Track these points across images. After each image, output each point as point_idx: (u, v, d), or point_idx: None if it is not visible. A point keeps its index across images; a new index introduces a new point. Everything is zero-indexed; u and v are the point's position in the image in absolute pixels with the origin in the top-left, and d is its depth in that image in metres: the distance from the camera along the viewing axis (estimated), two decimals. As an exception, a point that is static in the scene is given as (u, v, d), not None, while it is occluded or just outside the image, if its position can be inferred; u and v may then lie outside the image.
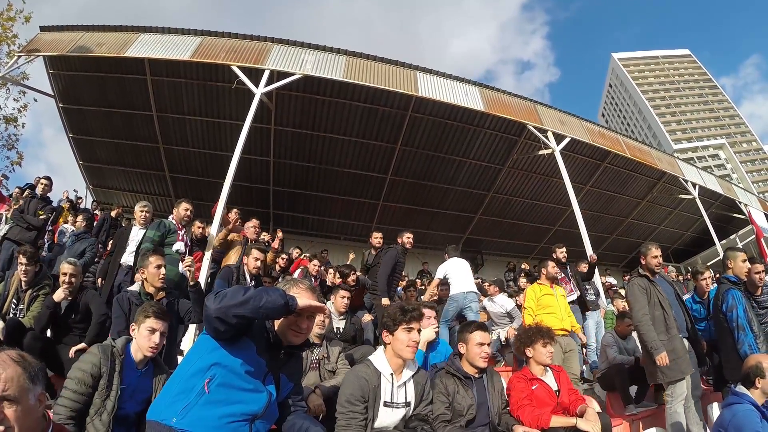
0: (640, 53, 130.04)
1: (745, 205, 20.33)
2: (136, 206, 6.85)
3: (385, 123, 13.53)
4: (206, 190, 14.81)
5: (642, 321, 4.90)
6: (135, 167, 15.80)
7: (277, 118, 13.24)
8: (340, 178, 15.48)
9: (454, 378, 3.71)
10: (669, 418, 4.86)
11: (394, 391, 3.12)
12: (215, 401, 2.15)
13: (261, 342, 2.32)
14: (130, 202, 16.08)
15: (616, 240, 21.41)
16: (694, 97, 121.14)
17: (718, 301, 5.01)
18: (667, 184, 18.60)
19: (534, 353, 4.16)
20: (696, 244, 23.18)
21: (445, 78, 12.51)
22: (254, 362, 2.26)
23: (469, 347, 3.79)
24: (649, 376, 5.12)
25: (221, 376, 2.18)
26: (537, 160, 15.35)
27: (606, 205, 19.09)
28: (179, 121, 13.89)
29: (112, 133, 14.49)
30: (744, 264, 5.18)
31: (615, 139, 16.00)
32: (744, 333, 4.62)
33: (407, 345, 3.11)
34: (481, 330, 3.82)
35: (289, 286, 2.41)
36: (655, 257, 5.34)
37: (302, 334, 2.41)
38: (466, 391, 3.65)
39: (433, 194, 16.57)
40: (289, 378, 2.53)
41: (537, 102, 14.06)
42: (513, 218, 18.69)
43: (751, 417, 3.46)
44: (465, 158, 15.21)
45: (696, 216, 19.55)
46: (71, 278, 4.49)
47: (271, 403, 2.33)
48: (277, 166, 14.96)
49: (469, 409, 3.59)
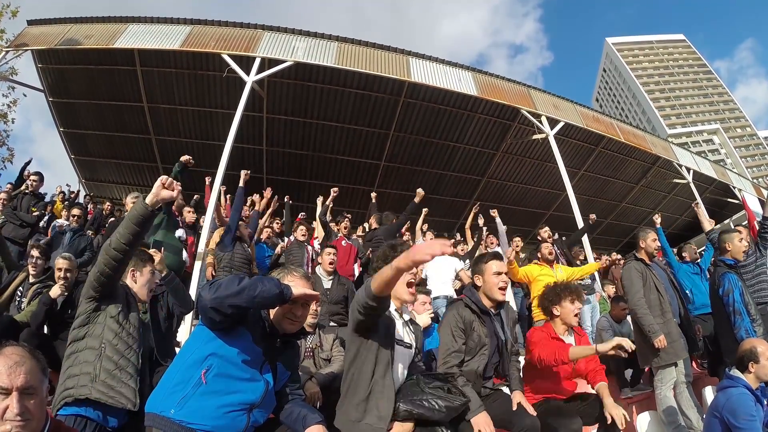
0: (635, 38, 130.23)
1: (739, 190, 20.40)
2: (128, 197, 6.79)
3: (378, 109, 13.47)
4: (199, 179, 14.67)
5: (638, 304, 4.91)
6: (127, 159, 15.76)
7: (269, 106, 13.19)
8: (333, 166, 15.44)
9: (472, 311, 3.50)
10: (659, 402, 4.92)
11: (401, 329, 3.00)
12: (213, 391, 2.16)
13: (257, 331, 2.33)
14: (122, 195, 15.98)
15: (610, 224, 21.43)
16: (688, 82, 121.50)
17: (715, 284, 5.00)
18: (662, 169, 18.63)
19: (561, 311, 3.97)
20: (690, 228, 23.20)
21: (438, 63, 12.44)
22: (251, 352, 2.28)
23: (486, 278, 3.56)
24: (641, 359, 5.13)
25: (218, 366, 2.19)
26: (531, 145, 15.28)
27: (600, 189, 19.10)
28: (170, 112, 13.81)
29: (103, 125, 14.41)
30: (741, 243, 5.18)
31: (609, 124, 15.99)
32: (741, 317, 4.63)
33: (406, 283, 2.92)
34: (498, 259, 3.59)
35: (284, 275, 2.42)
36: (654, 240, 5.36)
37: (297, 322, 2.42)
38: (482, 327, 3.48)
39: (428, 180, 16.43)
40: (286, 367, 2.53)
41: (530, 86, 13.99)
42: (507, 203, 18.52)
43: (745, 400, 3.47)
44: (459, 144, 15.18)
45: (690, 200, 19.43)
46: (66, 273, 4.45)
47: (268, 392, 2.34)
48: (270, 155, 14.92)
49: (482, 348, 3.43)
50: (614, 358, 6.23)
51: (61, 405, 2.55)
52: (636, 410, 5.60)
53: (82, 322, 2.76)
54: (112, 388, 2.60)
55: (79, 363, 2.65)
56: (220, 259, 6.62)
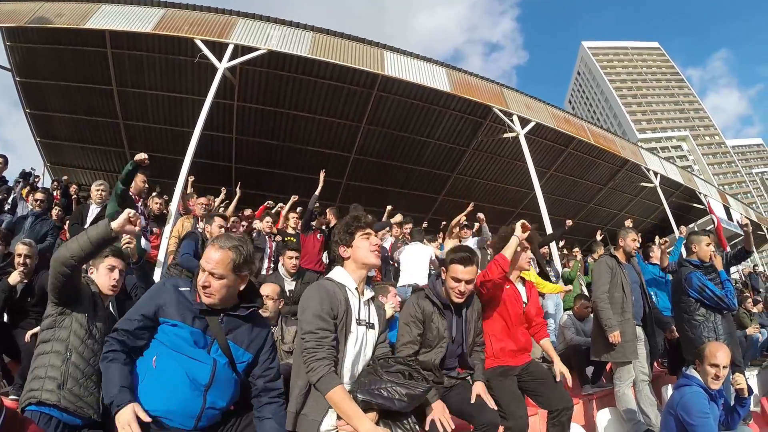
0: (610, 43, 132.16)
1: (705, 195, 20.84)
2: (93, 185, 6.72)
3: (351, 101, 13.42)
4: (167, 167, 14.43)
5: (600, 298, 5.04)
6: (94, 144, 15.44)
7: (240, 94, 13.04)
8: (303, 156, 15.32)
9: (432, 304, 3.42)
10: (619, 399, 5.06)
11: (361, 308, 2.77)
12: (162, 376, 2.23)
13: (186, 311, 2.38)
14: (89, 179, 15.56)
15: (576, 224, 21.65)
16: (660, 89, 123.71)
17: (681, 283, 5.10)
18: (630, 172, 18.91)
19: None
20: (655, 231, 23.64)
21: (413, 58, 12.41)
22: (190, 333, 2.33)
23: (447, 277, 3.43)
24: (594, 351, 5.29)
25: (164, 351, 2.29)
26: (501, 143, 15.33)
27: (569, 189, 19.37)
28: (140, 96, 13.55)
29: (71, 108, 14.07)
30: (709, 248, 5.30)
31: (580, 126, 16.18)
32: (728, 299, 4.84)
33: (370, 250, 2.81)
34: (462, 264, 3.33)
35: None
36: (634, 240, 5.47)
37: (206, 292, 2.36)
38: (441, 321, 3.39)
39: (397, 174, 16.56)
40: (245, 346, 2.48)
41: (504, 85, 14.05)
42: (476, 200, 18.38)
43: (698, 398, 3.57)
44: (430, 139, 15.21)
45: (656, 204, 19.96)
46: (26, 260, 4.34)
47: (218, 371, 2.33)
48: (239, 143, 14.76)
49: (440, 341, 3.37)
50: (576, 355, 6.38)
51: (26, 404, 2.50)
52: (596, 406, 5.69)
53: (49, 324, 2.72)
54: (80, 398, 2.56)
55: (45, 366, 2.60)
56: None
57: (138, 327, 2.35)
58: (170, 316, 2.34)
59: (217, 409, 2.33)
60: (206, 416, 2.28)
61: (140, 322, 2.35)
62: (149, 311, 2.37)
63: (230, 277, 2.38)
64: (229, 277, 2.38)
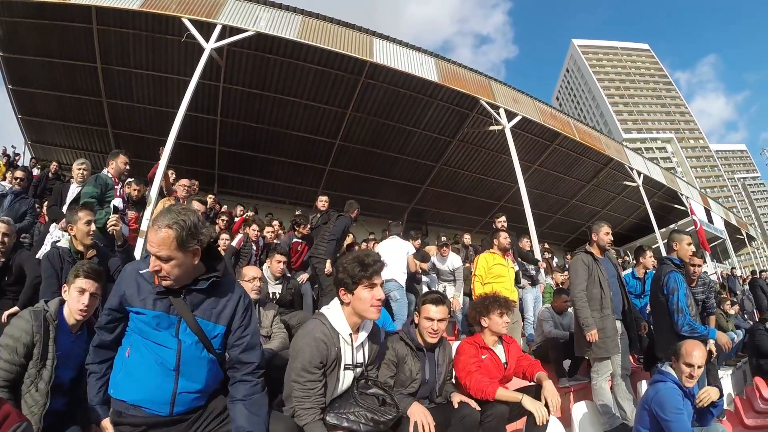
0: (600, 42, 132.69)
1: (687, 197, 21.12)
2: (74, 164, 6.61)
3: (338, 87, 13.31)
4: (149, 147, 14.21)
5: (578, 296, 5.08)
6: (76, 122, 15.17)
7: (226, 76, 12.89)
8: (288, 141, 15.22)
9: (407, 346, 3.54)
10: (595, 392, 5.09)
11: (354, 353, 2.86)
12: (134, 364, 2.23)
13: (147, 294, 2.29)
14: (70, 159, 15.34)
15: (559, 219, 21.97)
16: (648, 91, 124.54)
17: (659, 281, 5.13)
18: (613, 170, 19.13)
19: (490, 323, 4.03)
20: (636, 230, 24.01)
21: (402, 46, 12.37)
22: (153, 316, 2.26)
23: (420, 319, 3.61)
24: (577, 348, 5.32)
25: (135, 339, 2.27)
26: (487, 136, 15.43)
27: (552, 185, 19.52)
28: (125, 75, 13.31)
29: (54, 85, 13.80)
30: (689, 247, 5.27)
31: (566, 122, 16.29)
32: (683, 315, 4.75)
33: (371, 305, 2.78)
34: (434, 304, 3.54)
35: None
36: (608, 234, 5.48)
37: (158, 275, 2.23)
38: (414, 362, 3.51)
39: (382, 162, 16.52)
40: (215, 319, 2.36)
41: (492, 78, 14.09)
42: (460, 191, 18.88)
43: (672, 394, 3.60)
44: (415, 128, 15.13)
45: (638, 203, 20.21)
46: (4, 238, 4.21)
47: (184, 352, 2.26)
48: (223, 126, 14.59)
49: (412, 382, 3.46)
50: (553, 348, 6.44)
51: None
52: (573, 399, 5.73)
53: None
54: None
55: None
56: None
57: (108, 321, 2.38)
58: (132, 304, 2.28)
59: (191, 392, 2.27)
60: (181, 401, 2.24)
61: (108, 315, 2.37)
62: (114, 303, 2.35)
63: (178, 255, 2.20)
64: (176, 255, 2.20)
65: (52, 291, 3.76)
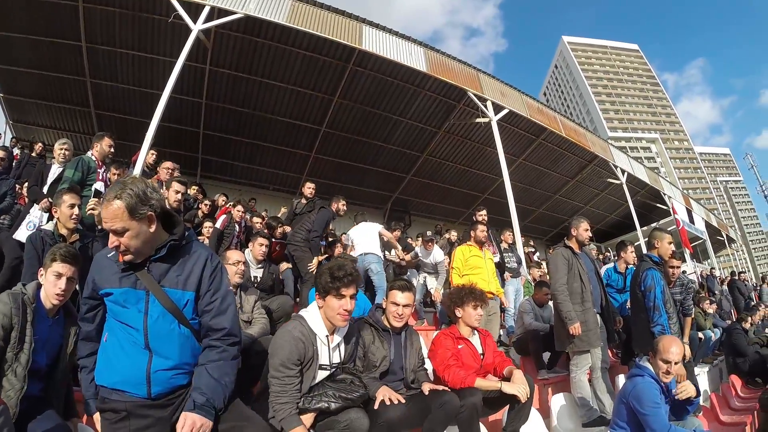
0: (591, 40, 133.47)
1: (669, 197, 21.33)
2: (56, 144, 6.53)
3: (325, 73, 13.17)
4: (133, 129, 13.95)
5: (559, 290, 5.11)
6: (59, 102, 14.78)
7: (213, 58, 12.67)
8: (273, 126, 15.06)
9: (372, 329, 3.70)
10: (574, 385, 5.13)
11: (330, 354, 3.06)
12: (108, 347, 2.22)
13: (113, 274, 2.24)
14: (51, 139, 14.97)
15: (542, 214, 22.11)
16: (635, 91, 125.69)
17: (638, 278, 5.17)
18: (598, 167, 19.24)
19: (464, 314, 4.10)
20: (618, 227, 24.24)
21: (391, 34, 12.29)
22: (120, 293, 2.21)
23: (387, 303, 3.78)
24: (558, 342, 5.38)
25: (110, 323, 2.25)
26: (473, 128, 15.42)
27: (536, 179, 19.57)
28: (110, 54, 12.98)
29: (38, 63, 13.39)
30: (670, 246, 5.35)
31: (552, 117, 16.36)
32: (659, 314, 4.81)
33: (338, 313, 2.98)
34: (401, 290, 3.71)
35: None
36: (586, 230, 5.55)
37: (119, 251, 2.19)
38: (382, 344, 3.65)
39: (367, 150, 16.46)
40: (182, 286, 2.29)
41: (480, 70, 14.08)
42: (444, 182, 18.88)
43: (650, 389, 3.64)
44: (402, 117, 15.05)
45: (621, 201, 20.34)
46: None
47: (150, 326, 2.19)
48: (208, 109, 14.37)
49: (383, 361, 3.59)
50: (533, 340, 6.48)
51: None
52: (551, 391, 5.74)
53: None
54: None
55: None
56: None
57: (86, 311, 2.38)
58: (102, 286, 2.25)
59: (166, 370, 2.20)
60: (157, 380, 2.17)
61: (85, 305, 2.37)
62: (87, 291, 2.33)
63: (132, 225, 2.13)
64: (131, 225, 2.13)
65: (33, 273, 3.66)
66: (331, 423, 2.87)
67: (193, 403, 2.14)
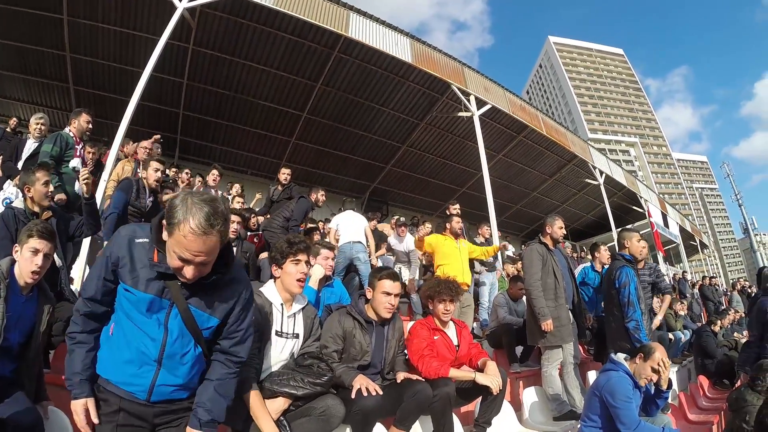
0: (576, 42, 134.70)
1: (645, 200, 21.64)
2: (32, 118, 6.40)
3: (309, 59, 13.05)
4: (111, 107, 13.73)
5: (533, 286, 5.19)
6: (37, 76, 14.37)
7: (197, 38, 12.45)
8: (254, 110, 14.91)
9: (354, 320, 3.61)
10: (545, 380, 5.23)
11: (284, 321, 3.13)
12: (115, 346, 2.09)
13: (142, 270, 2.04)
14: (27, 114, 14.48)
15: (519, 210, 22.26)
16: (617, 95, 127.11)
17: (612, 276, 5.26)
18: (576, 167, 19.45)
19: (434, 309, 4.12)
20: (593, 227, 24.52)
21: (378, 23, 12.24)
22: (144, 299, 2.04)
23: (375, 294, 3.66)
24: (530, 337, 5.46)
25: (121, 318, 2.10)
26: (455, 121, 15.45)
27: (515, 176, 19.67)
28: (91, 29, 12.68)
29: (17, 35, 12.99)
30: (639, 243, 5.49)
31: (534, 115, 16.47)
32: (633, 309, 4.93)
33: (296, 278, 3.10)
34: (391, 279, 3.66)
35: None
36: (561, 228, 5.67)
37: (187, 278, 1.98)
38: (364, 336, 3.59)
39: (347, 139, 16.38)
40: (210, 311, 2.16)
41: (465, 64, 14.10)
42: (423, 174, 18.91)
43: (624, 383, 3.73)
44: (384, 107, 15.01)
45: (598, 201, 20.60)
46: None
47: (169, 345, 2.07)
48: (189, 89, 14.13)
49: (363, 355, 3.54)
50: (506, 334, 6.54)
51: None
52: (523, 385, 5.85)
53: None
54: None
55: None
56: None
57: (104, 293, 2.12)
58: (124, 279, 2.05)
59: (171, 386, 2.12)
60: (158, 392, 2.09)
61: (104, 286, 2.11)
62: (109, 272, 2.08)
63: (215, 254, 1.98)
64: (214, 255, 1.98)
65: (6, 252, 3.54)
66: (307, 410, 2.88)
67: (198, 421, 2.12)
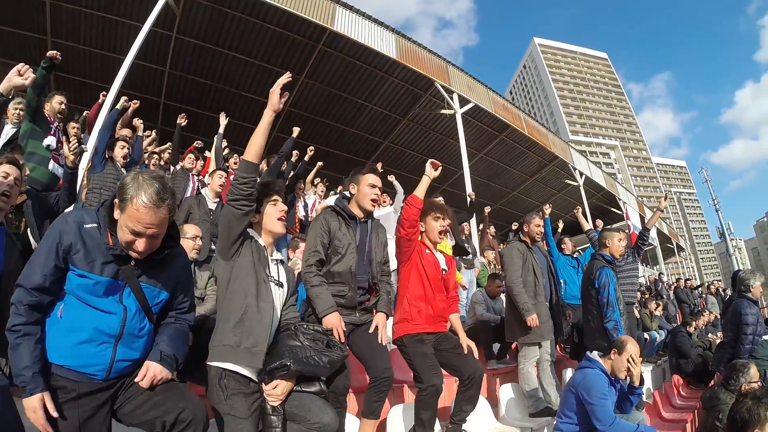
0: (561, 44, 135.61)
1: (624, 202, 21.90)
2: (10, 103, 6.29)
3: (294, 51, 12.98)
4: (92, 93, 13.57)
5: (515, 283, 5.21)
6: (17, 60, 14.09)
7: (180, 26, 12.27)
8: (235, 101, 14.75)
9: (339, 216, 3.65)
10: (522, 376, 5.26)
11: (271, 266, 2.96)
12: (69, 328, 2.05)
13: (96, 255, 2.08)
14: (6, 98, 14.45)
15: (498, 209, 22.28)
16: (600, 98, 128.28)
17: (591, 275, 5.34)
18: (557, 168, 19.64)
19: (426, 227, 4.06)
20: (571, 228, 24.61)
21: (364, 18, 12.24)
22: (100, 281, 2.08)
23: (360, 188, 3.69)
24: (509, 334, 5.50)
25: (71, 301, 2.08)
26: (438, 119, 15.54)
27: (496, 174, 19.84)
28: (74, 13, 12.42)
29: None
30: (620, 243, 5.55)
31: (517, 115, 16.60)
32: (612, 310, 5.01)
33: (277, 218, 2.98)
34: (374, 173, 3.75)
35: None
36: (538, 226, 5.66)
37: (138, 252, 2.09)
38: (348, 230, 3.61)
39: (329, 133, 16.32)
40: (160, 285, 2.28)
41: (450, 62, 14.15)
42: (404, 170, 18.65)
43: (599, 381, 3.79)
44: (367, 102, 15.01)
45: (577, 202, 20.61)
46: None
47: (128, 320, 2.13)
48: (171, 78, 14.00)
49: (348, 248, 3.56)
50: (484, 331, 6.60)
51: None
52: (499, 382, 5.89)
53: None
54: None
55: None
56: (90, 180, 6.34)
57: (53, 281, 2.05)
58: (77, 265, 2.05)
59: (128, 360, 2.16)
60: (117, 368, 2.12)
61: (53, 274, 2.05)
62: (60, 259, 2.05)
63: (165, 227, 2.11)
64: (164, 228, 2.11)
65: None
66: (301, 417, 2.71)
67: (159, 353, 2.21)
